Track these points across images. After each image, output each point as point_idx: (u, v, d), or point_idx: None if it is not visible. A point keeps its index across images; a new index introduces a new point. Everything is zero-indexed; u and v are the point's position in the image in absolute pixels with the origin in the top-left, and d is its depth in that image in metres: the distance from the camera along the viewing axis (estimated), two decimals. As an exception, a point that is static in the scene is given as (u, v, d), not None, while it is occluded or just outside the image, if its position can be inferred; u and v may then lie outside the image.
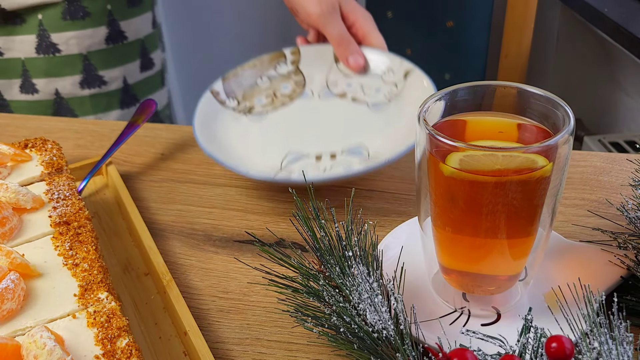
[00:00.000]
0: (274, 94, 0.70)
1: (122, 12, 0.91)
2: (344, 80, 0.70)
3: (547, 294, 0.44)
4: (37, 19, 0.85)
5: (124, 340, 0.38)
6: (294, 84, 0.71)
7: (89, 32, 0.88)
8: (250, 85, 0.72)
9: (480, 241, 0.41)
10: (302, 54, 0.73)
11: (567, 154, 0.38)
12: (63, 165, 0.58)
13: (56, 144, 0.62)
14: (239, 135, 0.66)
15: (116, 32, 0.91)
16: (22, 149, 0.60)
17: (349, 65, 0.69)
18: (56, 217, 0.50)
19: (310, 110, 0.67)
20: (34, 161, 0.58)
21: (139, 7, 0.94)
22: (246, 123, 0.68)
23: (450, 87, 0.42)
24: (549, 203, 0.40)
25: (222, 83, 0.71)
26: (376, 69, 0.69)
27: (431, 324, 0.43)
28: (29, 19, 0.85)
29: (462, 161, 0.38)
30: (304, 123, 0.66)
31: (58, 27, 0.86)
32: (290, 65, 0.73)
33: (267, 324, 0.48)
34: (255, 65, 0.73)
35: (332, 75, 0.71)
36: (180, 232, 0.59)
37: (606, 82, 1.64)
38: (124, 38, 0.93)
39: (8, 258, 0.43)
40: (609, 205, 0.57)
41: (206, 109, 0.68)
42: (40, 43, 0.86)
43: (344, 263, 0.42)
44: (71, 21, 0.86)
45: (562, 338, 0.35)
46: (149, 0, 0.97)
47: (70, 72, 0.89)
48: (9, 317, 0.40)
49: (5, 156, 0.57)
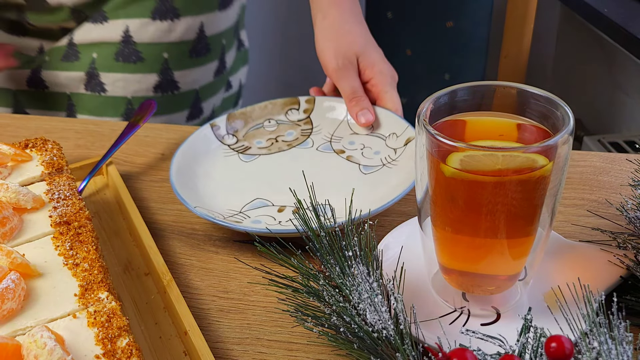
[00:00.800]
0: (275, 139, 0.70)
1: (181, 61, 0.87)
2: (348, 138, 0.69)
3: (546, 293, 0.45)
4: (91, 56, 0.84)
5: (125, 340, 0.39)
6: (299, 132, 0.71)
7: (138, 77, 0.85)
8: (256, 126, 0.71)
9: (480, 241, 0.41)
10: (316, 104, 0.73)
11: (566, 154, 0.38)
12: (63, 165, 0.58)
13: (56, 144, 0.62)
14: (221, 171, 0.65)
15: (167, 81, 0.87)
16: (23, 149, 0.60)
17: (358, 122, 0.68)
18: (56, 217, 0.50)
19: (301, 160, 0.66)
20: (35, 161, 0.58)
21: (204, 57, 0.89)
22: (234, 161, 0.67)
23: (450, 87, 0.42)
24: (548, 203, 0.40)
25: (226, 119, 0.70)
26: (383, 130, 0.69)
27: (431, 323, 0.43)
28: (84, 56, 0.84)
29: (462, 161, 0.38)
30: (288, 172, 0.64)
31: (109, 67, 0.84)
32: (302, 114, 0.73)
33: (267, 323, 0.48)
34: (266, 107, 0.73)
35: (340, 129, 0.70)
36: (181, 232, 0.59)
37: (606, 82, 1.64)
38: (175, 88, 0.88)
39: (8, 258, 0.43)
40: (609, 205, 0.57)
41: (201, 138, 0.67)
42: (89, 80, 0.85)
43: (344, 263, 0.42)
44: (122, 63, 0.84)
45: (561, 338, 0.35)
46: (219, 47, 0.92)
47: (112, 114, 0.87)
48: (9, 317, 0.40)
49: (6, 156, 0.57)
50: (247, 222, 0.57)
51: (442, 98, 0.41)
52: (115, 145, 0.66)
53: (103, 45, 0.83)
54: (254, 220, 0.57)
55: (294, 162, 0.66)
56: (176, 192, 0.58)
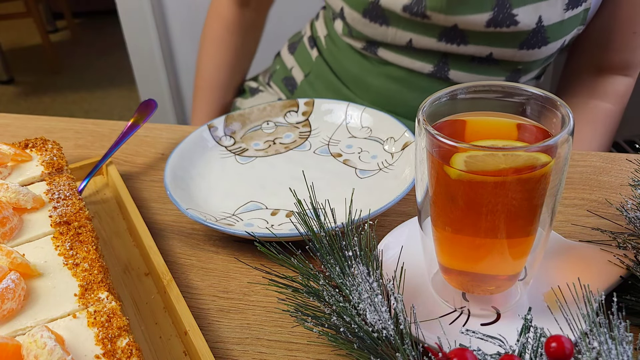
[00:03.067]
0: (273, 141, 0.70)
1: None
2: (346, 141, 0.69)
3: (546, 293, 0.45)
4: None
5: (125, 339, 0.39)
6: (297, 134, 0.70)
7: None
8: (254, 128, 0.71)
9: (480, 241, 0.41)
10: (315, 107, 0.73)
11: (566, 154, 0.38)
12: (63, 165, 0.58)
13: (56, 144, 0.62)
14: (217, 172, 0.65)
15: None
16: (23, 149, 0.60)
17: None
18: (56, 217, 0.50)
19: (297, 164, 0.66)
20: (35, 161, 0.58)
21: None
22: (231, 163, 0.66)
23: (450, 87, 0.42)
24: (548, 203, 0.40)
25: (224, 120, 0.70)
26: (381, 134, 0.68)
27: (431, 323, 0.43)
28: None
29: (467, 162, 0.38)
30: (283, 175, 0.64)
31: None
32: (301, 116, 0.73)
33: (267, 323, 0.48)
34: (265, 109, 0.73)
35: (339, 133, 0.70)
36: (181, 232, 0.59)
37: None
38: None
39: (8, 258, 0.43)
40: (609, 205, 0.57)
41: (198, 139, 0.67)
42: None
43: (344, 263, 0.42)
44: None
45: (561, 338, 0.35)
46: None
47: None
48: (9, 317, 0.41)
49: (6, 156, 0.57)
50: (239, 225, 0.56)
51: (442, 98, 0.41)
52: (115, 145, 0.66)
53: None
54: (246, 223, 0.57)
55: (290, 165, 0.66)
56: (169, 193, 0.58)
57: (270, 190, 0.62)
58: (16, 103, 2.87)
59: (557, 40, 0.75)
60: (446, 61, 0.78)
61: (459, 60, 0.78)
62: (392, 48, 0.80)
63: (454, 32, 0.74)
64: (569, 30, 0.76)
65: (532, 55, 0.76)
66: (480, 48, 0.75)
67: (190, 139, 0.67)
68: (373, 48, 0.82)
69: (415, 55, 0.79)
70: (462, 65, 0.78)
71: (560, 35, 0.75)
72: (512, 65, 0.79)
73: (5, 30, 3.52)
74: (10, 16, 3.16)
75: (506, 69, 0.79)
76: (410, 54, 0.79)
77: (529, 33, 0.73)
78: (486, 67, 0.78)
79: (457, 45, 0.75)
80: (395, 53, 0.80)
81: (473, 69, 0.78)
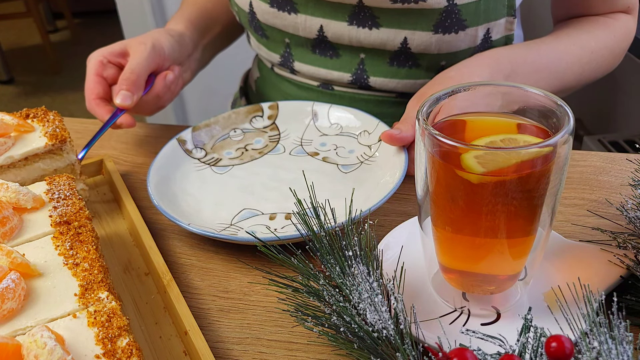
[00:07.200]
0: (244, 148, 0.69)
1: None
2: (319, 140, 0.69)
3: (546, 293, 0.45)
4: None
5: (125, 339, 0.39)
6: (267, 139, 0.70)
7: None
8: (222, 137, 0.71)
9: (480, 241, 0.41)
10: (280, 109, 0.72)
11: (566, 154, 0.38)
12: (67, 137, 0.58)
13: (58, 115, 0.61)
14: (198, 185, 0.64)
15: None
16: (24, 119, 0.59)
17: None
18: (57, 216, 0.50)
19: (277, 167, 0.66)
20: (37, 132, 0.58)
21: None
22: (208, 174, 0.65)
23: (450, 87, 0.42)
24: (548, 203, 0.40)
25: (191, 132, 0.69)
26: (353, 129, 0.68)
27: (431, 323, 0.43)
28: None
29: (480, 163, 0.37)
30: (268, 180, 0.64)
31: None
32: (267, 120, 0.72)
33: (267, 323, 0.48)
34: (230, 117, 0.72)
35: (308, 133, 0.70)
36: (181, 231, 0.59)
37: (606, 82, 1.64)
38: None
39: (9, 258, 0.43)
40: (609, 205, 0.57)
41: (169, 155, 0.66)
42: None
43: (344, 263, 0.42)
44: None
45: (561, 337, 0.35)
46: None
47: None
48: (9, 317, 0.41)
49: (9, 126, 0.56)
50: (241, 233, 0.56)
51: (442, 98, 0.41)
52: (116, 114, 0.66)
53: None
54: (248, 231, 0.56)
55: (270, 169, 0.65)
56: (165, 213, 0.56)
57: (259, 195, 0.61)
58: (16, 103, 2.88)
59: (476, 25, 0.68)
60: (363, 67, 0.74)
61: (375, 60, 0.73)
62: (305, 57, 0.76)
63: (363, 13, 0.69)
64: (492, 17, 0.68)
65: (451, 43, 0.69)
66: (392, 32, 0.69)
67: (162, 154, 0.65)
68: (289, 62, 0.78)
69: (331, 64, 0.75)
70: (380, 68, 0.74)
71: (480, 19, 0.68)
72: (434, 63, 0.72)
73: (5, 30, 3.52)
74: (10, 16, 3.16)
75: (429, 69, 0.73)
76: (326, 62, 0.75)
77: (442, 12, 0.67)
78: (407, 70, 0.73)
79: (370, 29, 0.70)
80: (309, 65, 0.76)
81: (393, 73, 0.73)
